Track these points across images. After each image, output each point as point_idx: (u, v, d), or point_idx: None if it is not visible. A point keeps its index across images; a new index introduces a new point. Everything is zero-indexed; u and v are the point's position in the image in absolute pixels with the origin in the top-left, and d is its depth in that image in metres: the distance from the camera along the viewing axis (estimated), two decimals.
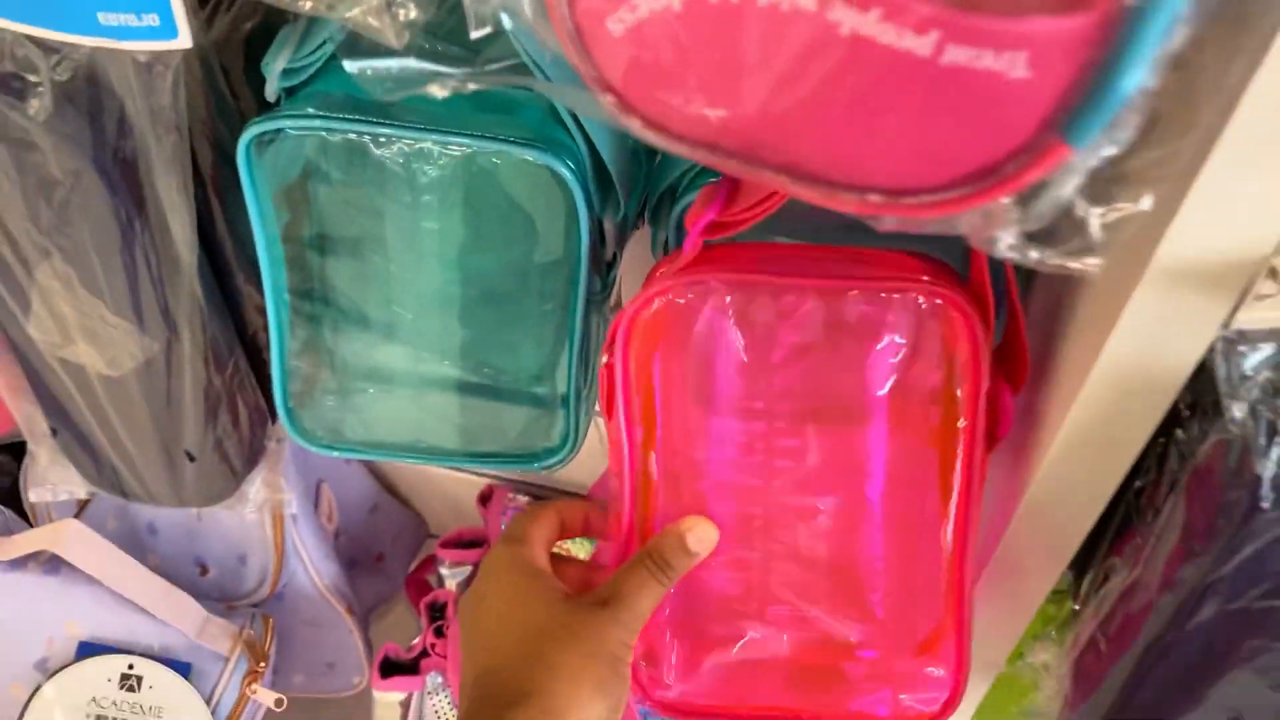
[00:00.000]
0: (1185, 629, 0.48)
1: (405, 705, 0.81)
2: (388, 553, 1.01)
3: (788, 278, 0.48)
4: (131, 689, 0.77)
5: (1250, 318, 0.40)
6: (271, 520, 0.86)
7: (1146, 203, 0.32)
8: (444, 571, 0.92)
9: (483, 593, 0.49)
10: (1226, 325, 0.40)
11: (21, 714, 0.77)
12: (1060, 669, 0.60)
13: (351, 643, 0.93)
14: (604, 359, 0.51)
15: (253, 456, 0.69)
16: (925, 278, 0.47)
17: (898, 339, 0.48)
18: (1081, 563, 0.56)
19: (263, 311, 0.58)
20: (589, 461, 0.87)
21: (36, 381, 0.65)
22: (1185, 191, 0.36)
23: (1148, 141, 0.30)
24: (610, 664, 0.46)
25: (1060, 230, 0.32)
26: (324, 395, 0.62)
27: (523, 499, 0.93)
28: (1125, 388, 0.44)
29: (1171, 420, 0.46)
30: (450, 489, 1.00)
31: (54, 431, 0.68)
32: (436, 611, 0.84)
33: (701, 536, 0.49)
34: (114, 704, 0.77)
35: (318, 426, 0.63)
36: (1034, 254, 0.33)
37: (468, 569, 0.92)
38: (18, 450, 0.91)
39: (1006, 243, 0.33)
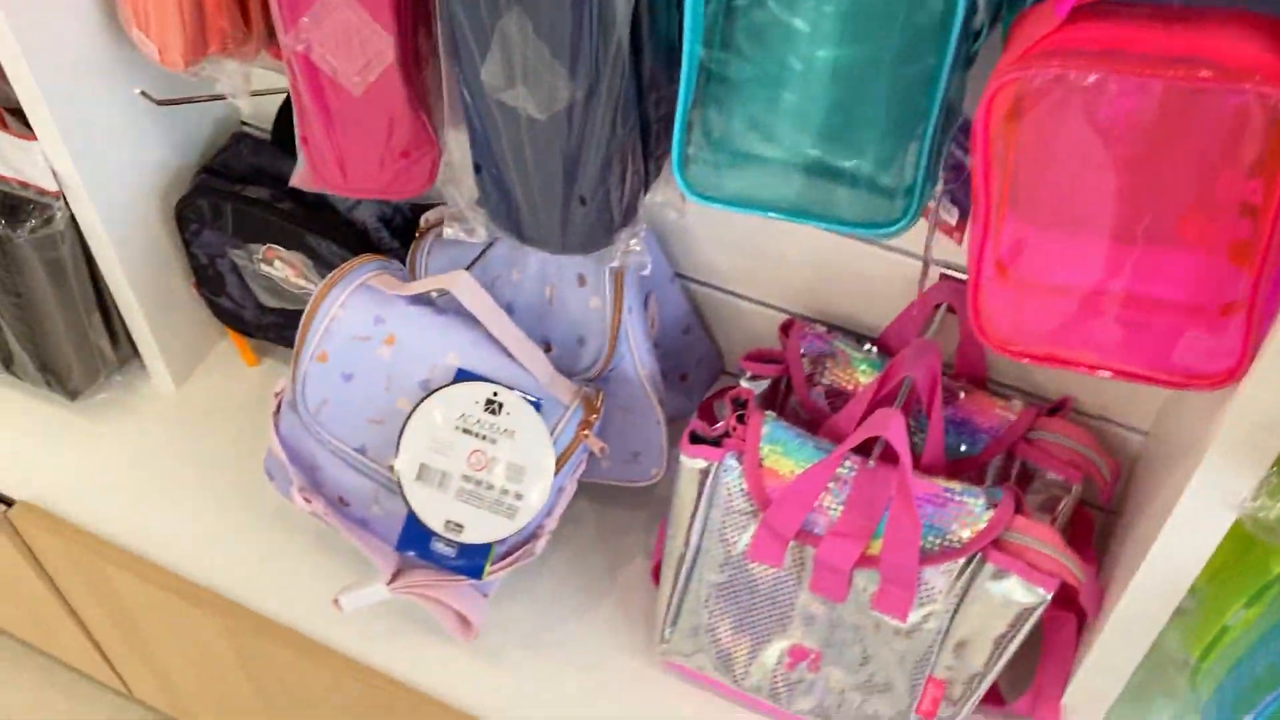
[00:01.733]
0: None
1: (704, 474, 0.95)
2: (691, 374, 1.16)
3: (1147, 66, 0.59)
4: (494, 412, 0.94)
5: None
6: (612, 310, 1.01)
7: None
8: (743, 383, 1.05)
9: None
10: None
11: (406, 420, 0.95)
12: None
13: (657, 436, 1.07)
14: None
15: (627, 213, 0.84)
16: None
17: None
18: None
19: (664, 78, 0.73)
20: (890, 301, 0.99)
21: (473, 123, 0.82)
22: None
23: None
24: None
25: None
26: (710, 152, 0.76)
27: (820, 328, 1.05)
28: None
29: None
30: (752, 322, 1.13)
31: (478, 168, 0.84)
32: (739, 404, 0.97)
33: None
34: (478, 421, 0.94)
35: (701, 180, 0.77)
36: None
37: (766, 382, 1.05)
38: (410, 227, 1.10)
39: None
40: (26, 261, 1.12)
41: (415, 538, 0.96)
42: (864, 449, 0.92)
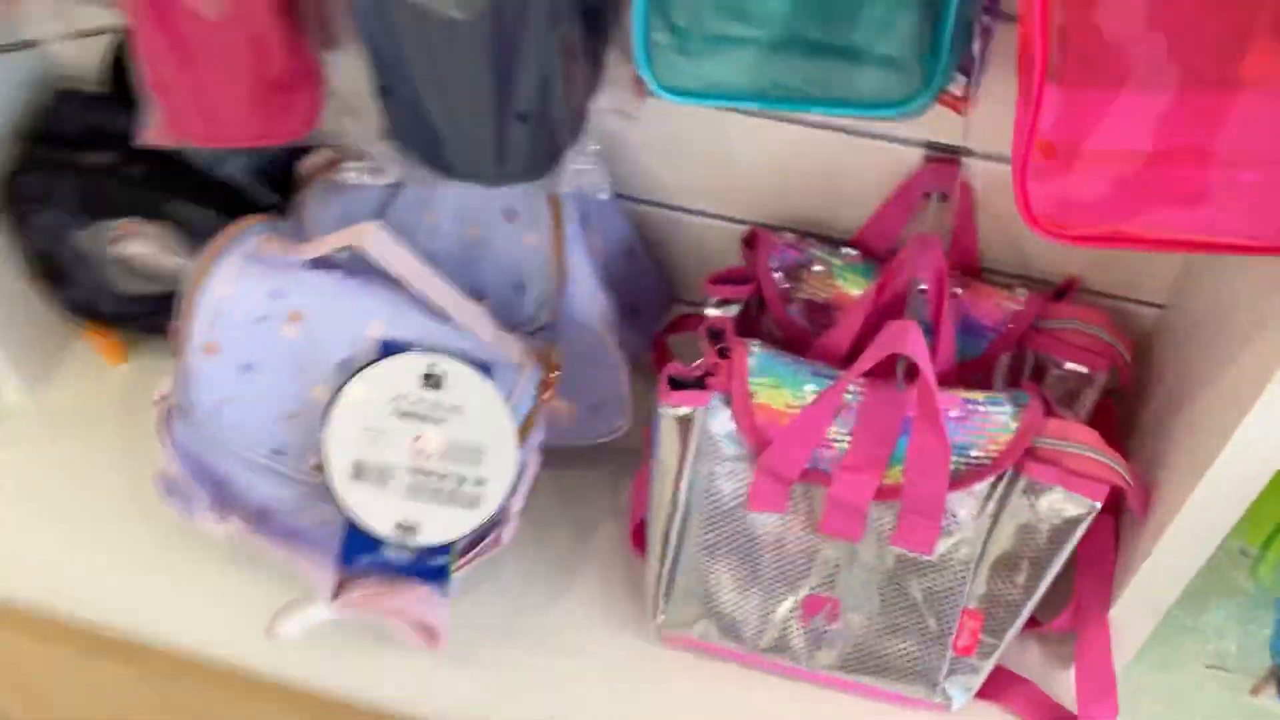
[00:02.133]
0: None
1: (686, 423, 0.81)
2: (641, 306, 1.01)
3: None
4: (434, 386, 0.78)
5: None
6: (552, 245, 0.86)
7: None
8: (710, 310, 0.91)
9: None
10: None
11: (328, 411, 0.78)
12: None
13: (618, 383, 0.93)
14: None
15: (575, 127, 0.69)
16: None
17: None
18: None
19: None
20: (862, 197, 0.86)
21: (373, 36, 0.65)
22: None
23: None
24: None
25: None
26: (679, 38, 0.61)
27: (789, 235, 0.91)
28: None
29: None
30: (703, 241, 0.99)
31: (384, 92, 0.68)
32: (716, 335, 0.83)
33: None
34: (417, 401, 0.78)
35: (671, 72, 0.62)
36: None
37: (736, 306, 0.91)
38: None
39: None
40: None
41: (360, 548, 0.81)
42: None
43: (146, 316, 1.03)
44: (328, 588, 0.84)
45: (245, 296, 0.79)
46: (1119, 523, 0.88)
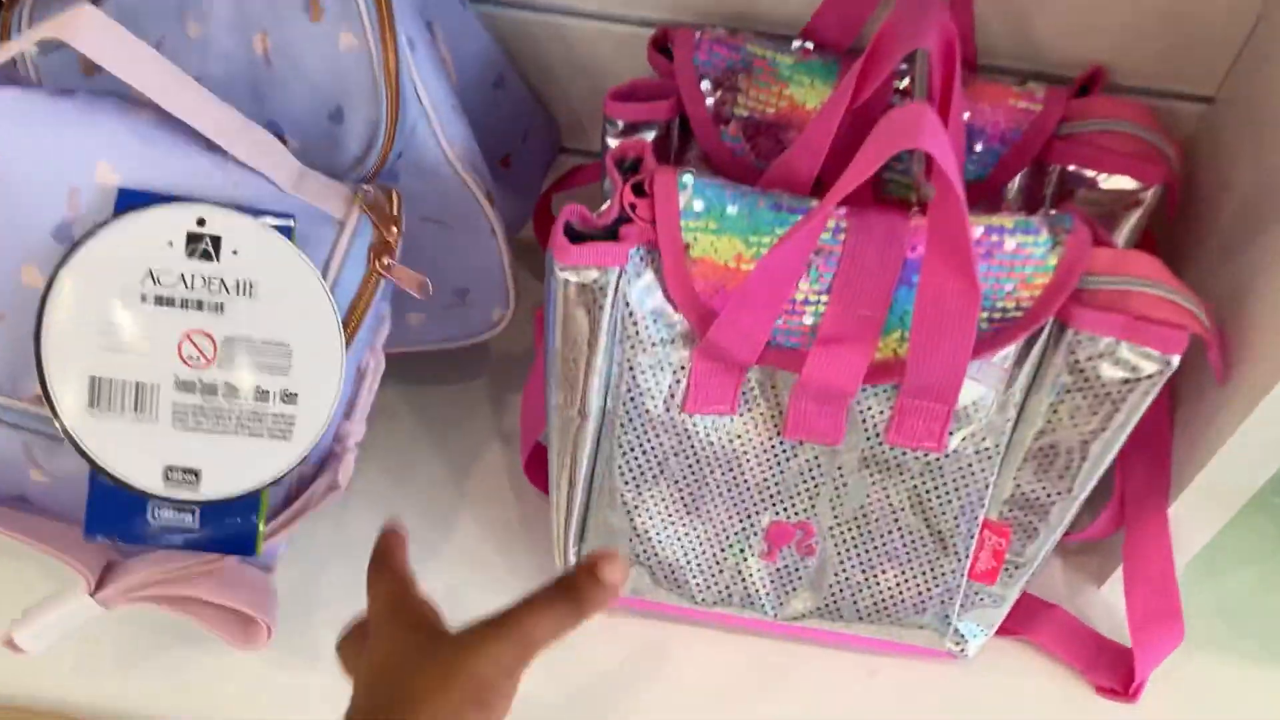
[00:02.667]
0: None
1: (594, 292, 0.55)
2: (515, 155, 0.74)
3: None
4: (206, 255, 0.50)
5: None
6: (379, 47, 0.58)
7: None
8: (610, 142, 0.65)
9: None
10: None
11: (42, 306, 0.50)
12: None
13: (494, 252, 0.66)
14: None
15: None
16: None
17: None
18: None
19: None
20: None
21: None
22: None
23: None
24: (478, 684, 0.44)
25: None
26: None
27: (719, 31, 0.65)
28: None
29: None
30: (594, 51, 0.72)
31: None
32: (629, 167, 0.57)
33: (617, 568, 0.46)
34: (181, 279, 0.50)
35: None
36: None
37: (650, 130, 0.65)
38: None
39: None
40: None
41: (114, 510, 0.53)
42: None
43: None
44: (88, 573, 0.57)
45: None
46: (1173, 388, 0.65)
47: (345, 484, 0.57)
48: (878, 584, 0.63)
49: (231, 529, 0.53)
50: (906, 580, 0.64)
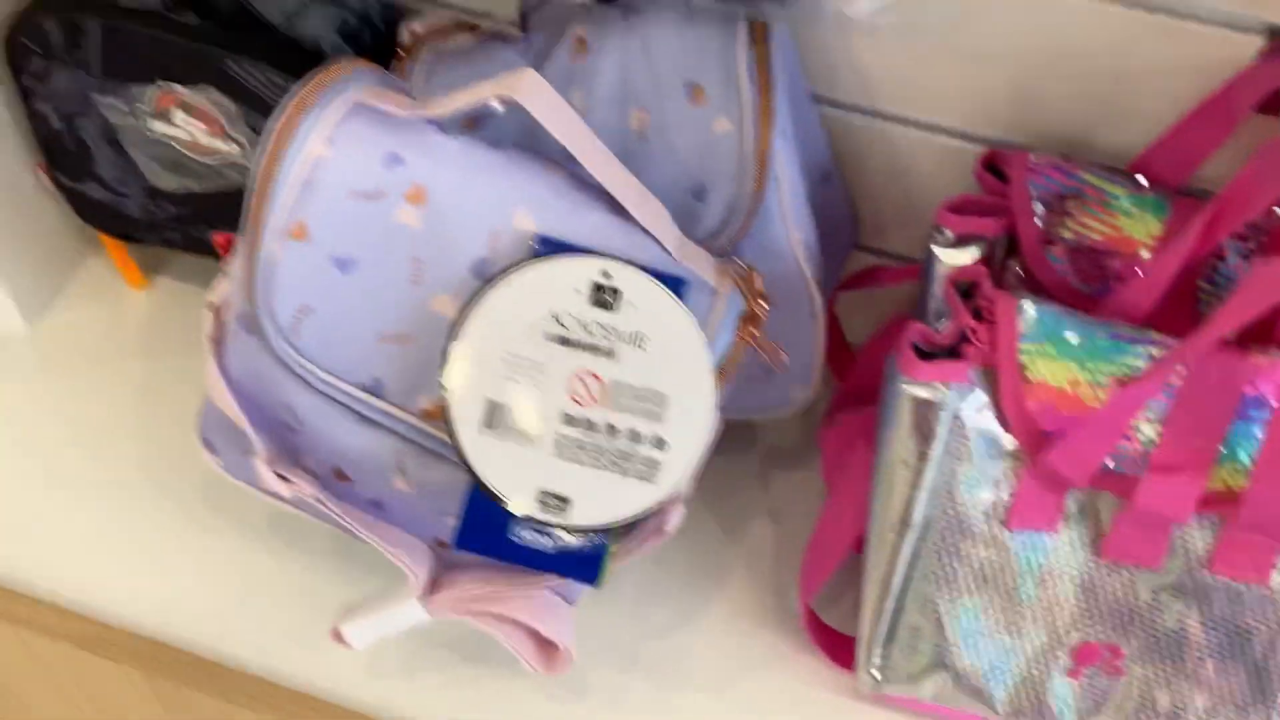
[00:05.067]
0: None
1: (929, 407, 0.58)
2: (825, 249, 0.78)
3: None
4: (606, 304, 0.55)
5: None
6: (756, 135, 0.63)
7: None
8: (937, 251, 0.69)
9: None
10: None
11: (454, 333, 0.55)
12: None
13: (809, 337, 0.70)
14: None
15: None
16: None
17: None
18: None
19: None
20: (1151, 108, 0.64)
21: None
22: None
23: None
24: None
25: None
26: None
27: (1052, 157, 0.69)
28: None
29: None
30: (908, 156, 0.76)
31: None
32: (966, 290, 0.61)
33: None
34: (581, 324, 0.55)
35: None
36: None
37: (975, 248, 0.69)
38: None
39: None
40: None
41: (484, 525, 0.57)
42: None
43: (181, 225, 0.81)
44: (421, 580, 0.61)
45: (350, 161, 0.56)
46: None
47: (672, 532, 0.61)
48: (1183, 712, 0.64)
49: (581, 558, 0.58)
50: (1216, 712, 0.64)
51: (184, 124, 0.74)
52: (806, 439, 0.80)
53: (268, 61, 0.71)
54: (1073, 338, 0.58)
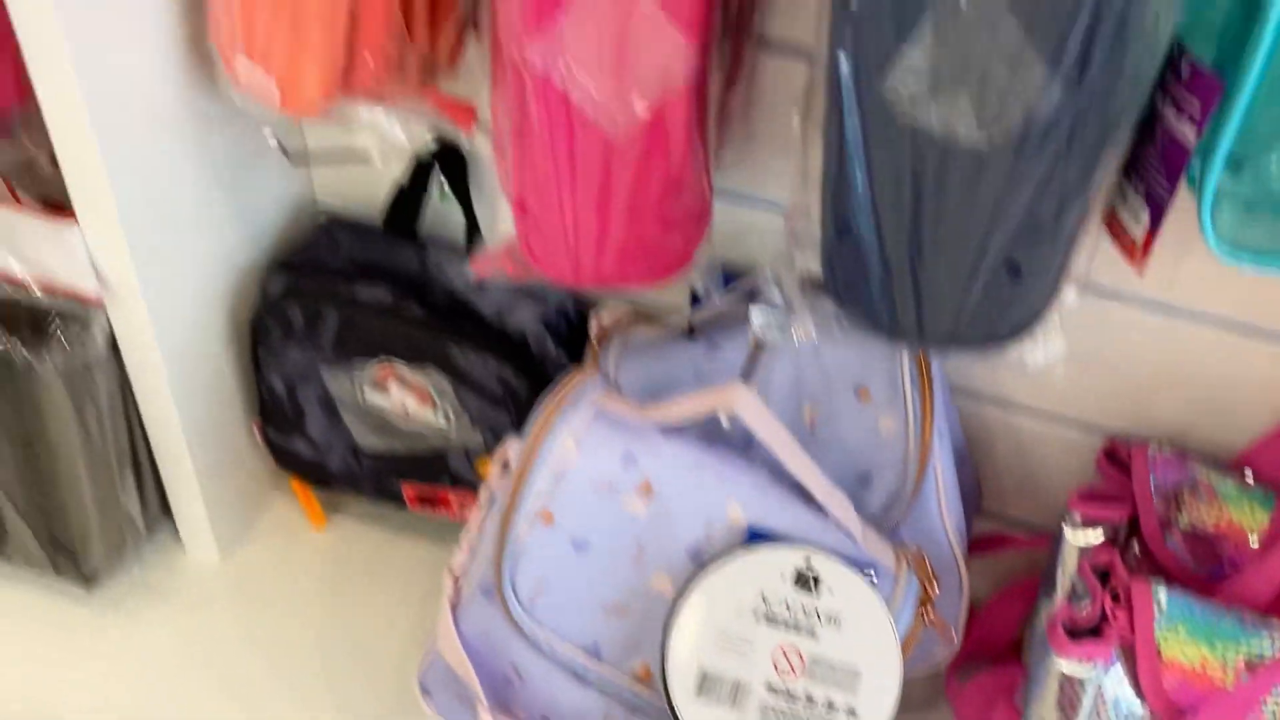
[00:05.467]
0: None
1: (1074, 682, 0.67)
2: None
3: None
4: (807, 588, 0.64)
5: None
6: (919, 435, 0.73)
7: None
8: (1069, 532, 0.78)
9: None
10: None
11: (676, 607, 0.64)
12: None
13: (957, 608, 0.79)
14: None
15: (1058, 287, 0.57)
16: None
17: None
18: None
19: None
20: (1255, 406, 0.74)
21: (846, 166, 0.55)
22: None
23: None
24: None
25: None
26: (1250, 186, 0.50)
27: (1168, 451, 0.79)
28: None
29: None
30: (1030, 444, 0.86)
31: (841, 231, 0.57)
32: (1102, 573, 0.71)
33: None
34: (786, 605, 0.64)
35: (1234, 230, 0.51)
36: None
37: (1098, 531, 0.78)
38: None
39: None
40: (48, 397, 0.79)
41: None
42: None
43: (375, 478, 0.91)
44: None
45: (596, 459, 0.66)
46: None
47: None
48: None
49: None
50: None
51: (397, 397, 0.85)
52: (927, 691, 0.87)
53: (477, 348, 0.82)
54: (1201, 622, 0.67)
